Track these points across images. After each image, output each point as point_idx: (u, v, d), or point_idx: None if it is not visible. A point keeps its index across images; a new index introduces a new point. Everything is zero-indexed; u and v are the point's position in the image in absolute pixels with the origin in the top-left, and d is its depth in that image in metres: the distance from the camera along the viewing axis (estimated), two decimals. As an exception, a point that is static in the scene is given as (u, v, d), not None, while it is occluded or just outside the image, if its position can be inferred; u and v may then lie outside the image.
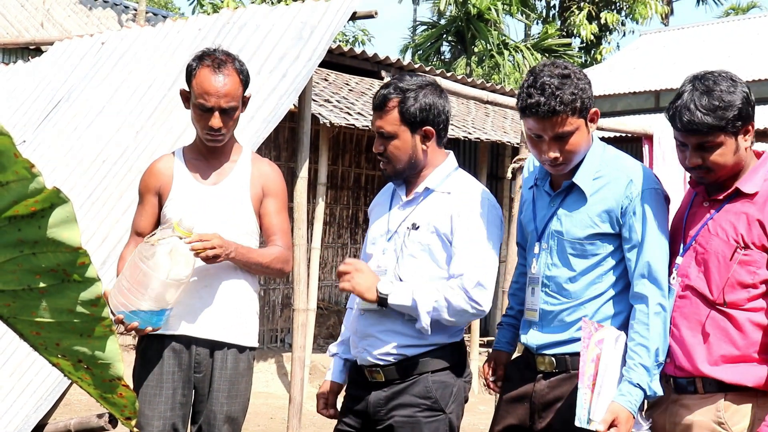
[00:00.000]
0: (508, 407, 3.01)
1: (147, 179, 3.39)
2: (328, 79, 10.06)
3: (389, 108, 2.95)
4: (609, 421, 2.67)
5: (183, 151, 3.42)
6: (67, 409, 6.79)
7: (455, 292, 2.86)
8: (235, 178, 3.34)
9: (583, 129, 2.77)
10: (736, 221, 2.63)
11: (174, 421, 3.25)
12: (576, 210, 2.83)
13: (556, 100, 2.68)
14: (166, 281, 3.04)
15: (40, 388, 4.22)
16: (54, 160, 5.74)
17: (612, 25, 25.29)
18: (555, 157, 2.76)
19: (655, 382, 2.72)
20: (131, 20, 15.43)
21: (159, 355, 3.24)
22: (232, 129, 3.31)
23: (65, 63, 6.85)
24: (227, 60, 3.26)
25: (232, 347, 3.28)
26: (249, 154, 3.42)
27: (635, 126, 6.74)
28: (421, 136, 2.98)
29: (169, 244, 3.04)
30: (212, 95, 3.20)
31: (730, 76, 2.63)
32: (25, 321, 1.29)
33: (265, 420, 7.57)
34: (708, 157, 2.62)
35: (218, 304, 3.26)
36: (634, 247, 2.76)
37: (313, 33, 5.61)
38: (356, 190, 11.09)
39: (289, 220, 3.51)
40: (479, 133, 10.16)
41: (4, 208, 1.17)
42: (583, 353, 2.72)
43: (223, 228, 3.24)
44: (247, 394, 3.35)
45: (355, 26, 27.90)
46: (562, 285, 2.85)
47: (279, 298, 10.25)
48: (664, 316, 2.73)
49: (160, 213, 3.34)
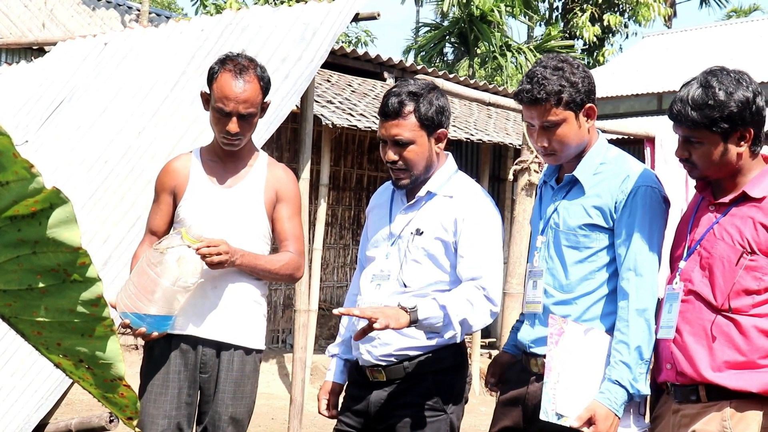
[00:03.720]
0: (504, 409, 3.03)
1: (163, 178, 3.38)
2: (330, 81, 10.07)
3: (406, 114, 2.94)
4: (585, 418, 2.67)
5: (201, 151, 3.41)
6: (69, 408, 6.79)
7: (476, 295, 2.86)
8: (249, 182, 3.33)
9: (572, 122, 2.81)
10: (742, 226, 2.58)
11: (179, 421, 3.25)
12: (574, 201, 2.87)
13: (540, 90, 2.76)
14: (174, 288, 3.04)
15: (41, 388, 4.22)
16: (56, 161, 5.75)
17: (615, 27, 25.27)
18: (543, 146, 2.84)
19: (640, 380, 2.70)
20: (134, 21, 15.44)
21: (166, 355, 3.24)
22: (250, 134, 3.30)
23: (68, 63, 6.86)
24: (249, 66, 3.24)
25: (238, 349, 3.28)
26: (265, 158, 3.42)
27: (637, 128, 6.75)
28: (435, 139, 2.99)
29: (178, 252, 3.05)
30: (231, 100, 3.18)
31: (737, 77, 2.57)
32: (26, 321, 1.29)
33: (266, 420, 7.57)
34: (693, 152, 2.61)
35: (226, 306, 3.25)
36: (624, 241, 2.77)
37: (316, 34, 5.61)
38: (358, 191, 11.09)
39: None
40: (481, 134, 10.16)
41: (4, 208, 1.17)
42: (551, 348, 2.75)
43: (235, 231, 3.24)
44: (252, 396, 3.34)
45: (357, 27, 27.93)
46: (555, 277, 2.88)
47: (281, 298, 10.25)
48: (647, 313, 2.72)
49: (174, 212, 3.35)
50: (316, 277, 8.39)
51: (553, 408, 2.71)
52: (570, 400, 2.72)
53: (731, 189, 2.65)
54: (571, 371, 2.75)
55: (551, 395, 2.72)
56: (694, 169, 2.66)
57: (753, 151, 2.64)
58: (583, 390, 2.74)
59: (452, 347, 2.99)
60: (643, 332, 2.71)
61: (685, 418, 2.65)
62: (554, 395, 2.72)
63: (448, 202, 2.97)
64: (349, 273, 11.04)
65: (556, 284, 2.87)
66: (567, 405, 2.72)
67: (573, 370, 2.75)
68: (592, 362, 2.77)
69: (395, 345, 2.95)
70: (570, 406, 2.72)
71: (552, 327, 2.77)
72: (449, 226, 2.93)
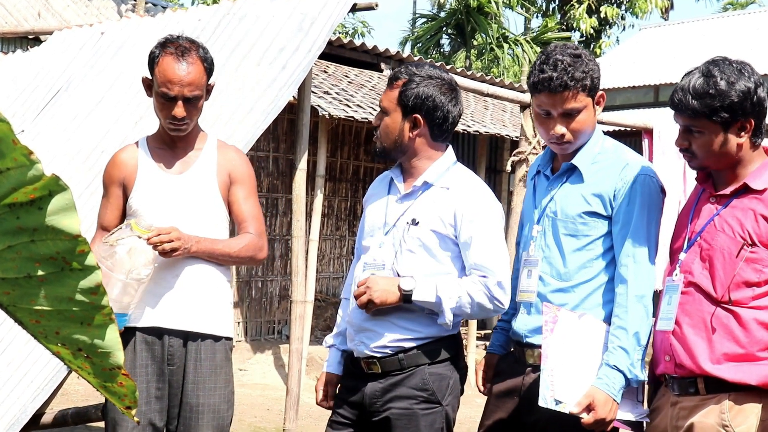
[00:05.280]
0: (497, 401, 3.03)
1: (110, 170, 3.31)
2: (327, 71, 10.05)
3: (394, 86, 2.98)
4: (584, 405, 2.69)
5: (147, 140, 3.34)
6: (65, 398, 6.79)
7: (477, 288, 2.86)
8: (200, 167, 3.27)
9: (591, 109, 2.86)
10: (743, 217, 2.57)
11: (150, 416, 3.18)
12: (572, 190, 2.88)
13: (568, 75, 2.78)
14: (126, 281, 3.01)
15: (37, 378, 4.21)
16: (53, 150, 5.73)
17: (612, 19, 25.27)
18: (562, 134, 2.84)
19: (637, 366, 2.72)
20: (130, 10, 15.39)
21: (131, 348, 3.17)
22: (196, 118, 3.24)
23: (64, 53, 6.83)
24: (191, 47, 3.18)
25: (206, 338, 3.21)
26: (214, 141, 3.35)
27: (635, 120, 6.74)
28: (410, 122, 2.97)
29: (128, 243, 3.01)
30: (175, 84, 3.12)
31: (740, 68, 2.56)
32: (24, 309, 1.29)
33: (261, 411, 7.57)
34: (693, 141, 2.61)
35: (189, 294, 3.19)
36: (622, 228, 2.80)
37: (314, 24, 5.59)
38: (354, 182, 11.08)
39: (288, 211, 3.49)
40: (478, 126, 10.15)
41: (2, 195, 1.16)
42: (547, 336, 2.77)
43: (191, 218, 3.19)
44: (229, 386, 3.26)
45: (354, 18, 27.89)
46: (553, 266, 2.89)
47: (276, 289, 10.25)
48: (645, 299, 2.74)
49: (125, 205, 3.28)
50: (313, 268, 8.38)
51: (552, 394, 2.72)
52: (568, 386, 2.74)
53: (732, 181, 2.65)
54: (568, 358, 2.76)
55: (549, 382, 2.73)
56: (693, 159, 2.66)
57: (754, 143, 2.63)
58: (580, 376, 2.75)
59: (448, 339, 2.98)
60: (641, 318, 2.73)
61: (684, 410, 2.64)
62: (552, 382, 2.73)
63: (445, 194, 2.96)
64: (345, 264, 11.04)
65: (554, 272, 2.88)
66: (565, 391, 2.73)
67: (569, 356, 2.77)
68: (588, 348, 2.79)
69: (390, 337, 2.94)
70: (568, 393, 2.73)
71: (546, 315, 2.79)
72: (448, 219, 2.92)
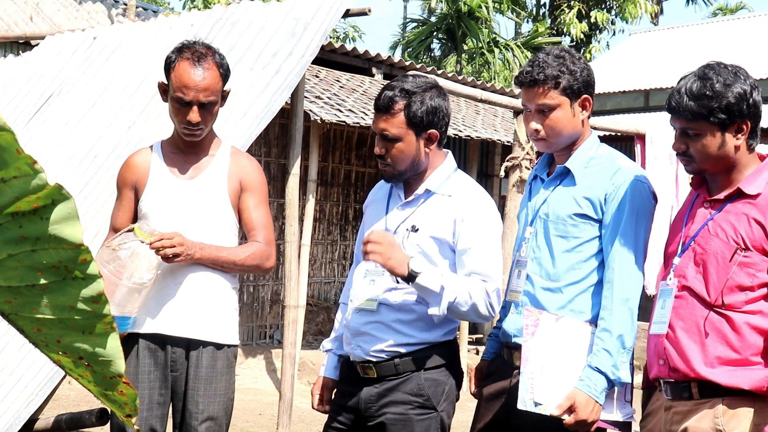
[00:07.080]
0: (488, 404, 3.05)
1: (124, 173, 3.33)
2: (319, 76, 10.05)
3: (395, 111, 2.92)
4: (565, 407, 2.71)
5: (161, 144, 3.35)
6: (56, 404, 6.77)
7: (479, 291, 2.86)
8: (212, 173, 3.27)
9: (567, 109, 2.89)
10: (736, 222, 2.59)
11: (151, 422, 3.19)
12: (564, 192, 2.91)
13: (540, 72, 2.85)
14: (129, 285, 3.00)
15: (31, 384, 4.20)
16: (45, 156, 5.72)
17: (602, 24, 25.32)
18: (535, 129, 2.90)
19: (621, 368, 2.73)
20: (121, 15, 15.37)
21: (135, 355, 3.18)
22: (211, 123, 3.24)
23: (56, 57, 6.82)
24: (207, 53, 3.19)
25: (208, 345, 3.20)
26: (228, 148, 3.35)
27: (628, 125, 6.77)
28: (425, 139, 2.96)
29: (131, 248, 3.01)
30: (191, 89, 3.12)
31: (735, 71, 2.59)
32: (26, 318, 1.29)
33: (253, 416, 7.56)
34: (690, 144, 2.62)
35: (193, 301, 3.18)
36: (611, 232, 2.82)
37: (307, 29, 5.60)
38: (346, 187, 11.09)
39: (281, 216, 3.50)
40: (470, 130, 10.17)
41: (5, 204, 1.16)
42: (527, 339, 2.79)
43: (200, 223, 3.19)
44: (229, 393, 3.26)
45: (345, 23, 27.91)
46: (542, 266, 2.91)
47: (268, 294, 10.24)
48: (631, 302, 2.77)
49: (137, 207, 3.29)
50: (304, 272, 8.38)
51: (531, 397, 2.74)
52: (548, 389, 2.76)
53: (726, 185, 2.66)
54: (548, 361, 2.78)
55: (529, 385, 2.75)
56: (690, 163, 2.67)
57: (749, 146, 2.65)
58: (561, 379, 2.77)
59: (444, 345, 2.99)
60: (626, 321, 2.76)
61: (678, 415, 2.65)
62: (532, 385, 2.75)
63: (447, 201, 2.97)
64: (336, 269, 11.03)
65: (543, 273, 2.91)
66: (545, 394, 2.75)
67: (550, 359, 2.78)
68: (569, 351, 2.80)
69: (387, 341, 2.94)
70: (548, 395, 2.75)
71: (527, 318, 2.82)
72: (447, 225, 2.93)
